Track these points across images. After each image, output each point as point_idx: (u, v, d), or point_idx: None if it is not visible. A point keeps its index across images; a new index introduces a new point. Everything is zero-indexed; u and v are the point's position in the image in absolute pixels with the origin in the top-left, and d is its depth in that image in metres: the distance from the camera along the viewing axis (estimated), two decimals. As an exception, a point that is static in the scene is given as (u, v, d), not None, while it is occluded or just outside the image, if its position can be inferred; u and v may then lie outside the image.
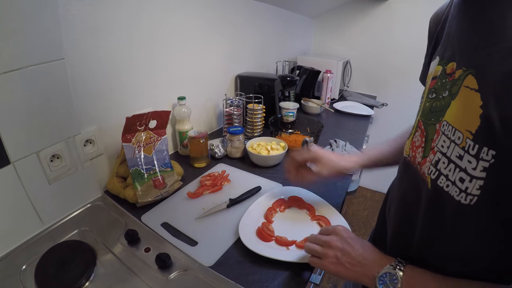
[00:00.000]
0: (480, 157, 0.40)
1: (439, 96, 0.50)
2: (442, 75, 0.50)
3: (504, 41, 0.38)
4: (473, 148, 0.41)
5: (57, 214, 0.84)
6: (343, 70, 2.15)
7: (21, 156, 0.72)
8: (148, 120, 0.93)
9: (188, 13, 1.16)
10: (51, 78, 0.74)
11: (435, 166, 0.49)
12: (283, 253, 0.73)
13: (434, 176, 0.48)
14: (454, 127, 0.45)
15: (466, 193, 0.42)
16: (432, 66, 0.56)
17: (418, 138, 0.55)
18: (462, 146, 0.43)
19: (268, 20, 1.78)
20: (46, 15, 0.69)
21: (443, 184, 0.46)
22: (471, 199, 0.42)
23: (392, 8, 2.18)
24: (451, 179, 0.45)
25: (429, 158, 0.51)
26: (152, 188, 0.91)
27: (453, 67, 0.48)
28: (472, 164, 0.41)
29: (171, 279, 0.68)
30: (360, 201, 2.70)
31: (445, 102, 0.48)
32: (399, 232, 0.61)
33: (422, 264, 0.52)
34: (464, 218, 0.44)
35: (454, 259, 0.49)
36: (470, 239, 0.45)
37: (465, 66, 0.44)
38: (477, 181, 0.41)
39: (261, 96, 1.37)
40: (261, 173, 1.11)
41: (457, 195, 0.44)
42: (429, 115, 0.53)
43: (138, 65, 1.01)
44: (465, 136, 0.42)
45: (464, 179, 0.42)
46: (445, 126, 0.47)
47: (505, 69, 0.37)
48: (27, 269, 0.69)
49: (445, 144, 0.46)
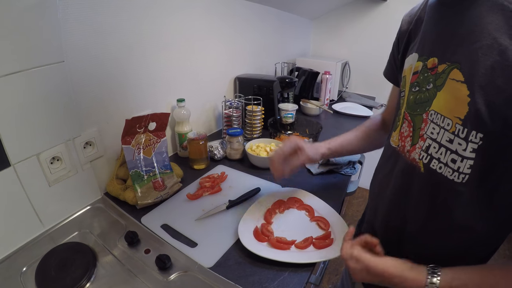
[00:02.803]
0: (469, 140, 0.46)
1: (422, 88, 0.56)
2: (424, 70, 0.56)
3: (483, 40, 0.45)
4: (462, 132, 0.47)
5: (58, 216, 0.84)
6: (342, 71, 2.15)
7: (22, 159, 0.72)
8: (148, 122, 0.93)
9: (187, 16, 1.16)
10: (51, 81, 0.74)
11: (425, 151, 0.55)
12: (282, 254, 0.74)
13: (426, 160, 0.55)
14: (443, 115, 0.51)
15: (459, 172, 0.49)
16: (409, 61, 0.61)
17: (406, 129, 0.60)
18: (452, 131, 0.49)
19: (266, 21, 1.79)
20: (46, 18, 0.69)
21: (435, 166, 0.53)
22: (463, 177, 0.49)
23: (390, 9, 2.19)
24: (443, 161, 0.51)
25: (418, 145, 0.56)
26: (152, 190, 0.91)
27: (434, 62, 0.54)
28: (462, 146, 0.48)
29: (171, 280, 0.68)
30: (359, 201, 2.70)
31: (429, 94, 0.54)
32: (390, 216, 0.67)
33: (416, 241, 0.60)
34: (458, 195, 0.51)
35: (447, 233, 0.56)
36: (464, 213, 0.52)
37: (449, 61, 0.50)
38: (467, 161, 0.48)
39: (260, 98, 1.37)
40: (260, 175, 1.11)
41: (450, 174, 0.50)
42: (414, 106, 0.58)
43: (138, 68, 1.01)
44: (454, 122, 0.49)
45: (456, 160, 0.49)
46: (433, 115, 0.53)
47: (487, 63, 0.44)
48: (27, 271, 0.69)
49: (435, 131, 0.52)
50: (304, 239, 0.78)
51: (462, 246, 0.56)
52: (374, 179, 0.77)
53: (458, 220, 0.53)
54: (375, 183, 0.75)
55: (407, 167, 0.60)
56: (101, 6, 0.84)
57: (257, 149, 1.19)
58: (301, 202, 0.93)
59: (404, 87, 0.62)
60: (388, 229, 0.69)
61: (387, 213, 0.68)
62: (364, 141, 0.89)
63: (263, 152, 1.16)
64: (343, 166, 1.15)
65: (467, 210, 0.51)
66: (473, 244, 0.55)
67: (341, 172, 1.14)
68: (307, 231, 0.82)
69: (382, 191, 0.70)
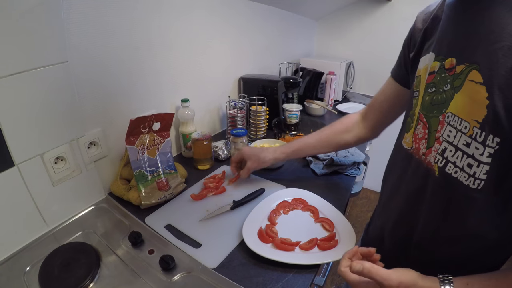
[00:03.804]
0: (486, 144, 0.45)
1: (439, 89, 0.54)
2: (441, 70, 0.54)
3: (504, 40, 0.43)
4: (480, 136, 0.45)
5: (61, 216, 0.84)
6: (346, 71, 2.14)
7: (26, 158, 0.72)
8: (152, 122, 0.93)
9: (192, 16, 1.16)
10: (55, 81, 0.74)
11: (441, 154, 0.53)
12: (286, 255, 0.73)
13: (441, 164, 0.53)
14: (460, 117, 0.49)
15: (474, 178, 0.47)
16: (425, 61, 0.59)
17: (421, 131, 0.58)
18: (469, 134, 0.47)
19: (271, 22, 1.78)
20: (49, 18, 0.69)
21: (451, 170, 0.51)
22: (479, 183, 0.47)
23: (395, 9, 2.17)
24: (459, 166, 0.49)
25: (434, 148, 0.55)
26: (156, 190, 0.91)
27: (452, 62, 0.51)
28: (479, 150, 0.46)
29: (175, 281, 0.68)
30: (363, 202, 2.68)
31: (447, 95, 0.52)
32: (402, 220, 0.65)
33: (425, 247, 0.58)
34: (472, 201, 0.49)
35: (459, 240, 0.54)
36: (477, 220, 0.50)
37: (468, 62, 0.48)
38: (484, 166, 0.46)
39: (265, 98, 1.37)
40: (265, 175, 1.10)
41: (466, 179, 0.48)
42: (430, 108, 0.56)
43: (142, 68, 1.01)
44: (472, 125, 0.47)
45: (472, 165, 0.47)
46: (450, 117, 0.51)
47: (508, 64, 0.42)
48: (31, 270, 0.69)
49: (451, 133, 0.51)
50: (308, 240, 0.78)
51: (473, 254, 0.55)
52: (385, 181, 0.76)
53: (470, 227, 0.51)
54: (387, 185, 0.74)
55: (422, 170, 0.58)
56: (105, 6, 0.84)
57: (261, 149, 1.18)
58: (305, 203, 0.92)
59: (418, 87, 0.60)
60: (397, 234, 0.67)
61: (398, 217, 0.66)
62: (326, 143, 0.95)
63: (267, 153, 1.16)
64: (347, 167, 1.14)
65: (480, 217, 0.50)
66: (484, 253, 0.53)
67: (345, 173, 1.13)
68: (311, 232, 0.81)
69: (394, 194, 0.68)
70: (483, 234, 0.51)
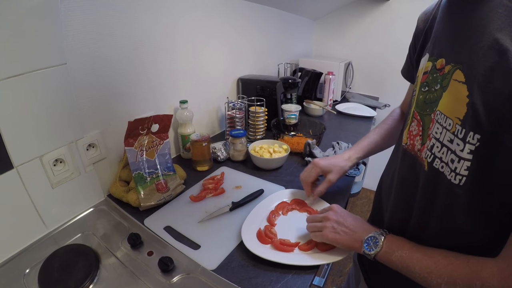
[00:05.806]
0: (467, 141, 0.46)
1: (431, 89, 0.57)
2: (433, 70, 0.56)
3: (484, 40, 0.45)
4: (461, 132, 0.47)
5: (61, 218, 0.84)
6: (345, 71, 2.14)
7: (24, 161, 0.72)
8: (150, 124, 0.93)
9: (190, 17, 1.16)
10: (53, 83, 0.74)
11: (430, 150, 0.55)
12: (285, 256, 0.73)
13: (430, 159, 0.55)
14: (446, 115, 0.51)
15: (456, 173, 0.49)
16: (423, 62, 0.61)
17: (415, 128, 0.61)
18: (452, 131, 0.49)
19: (269, 22, 1.79)
20: (48, 20, 0.70)
21: (438, 165, 0.53)
22: (460, 179, 0.48)
23: (393, 9, 2.18)
24: (445, 161, 0.51)
25: (426, 144, 0.57)
26: (154, 191, 0.91)
27: (442, 63, 0.54)
28: (460, 146, 0.47)
29: (174, 282, 0.68)
30: (363, 202, 2.69)
31: (437, 94, 0.54)
32: (397, 213, 0.67)
33: (419, 241, 0.58)
34: (457, 197, 0.50)
35: (446, 235, 0.55)
36: (462, 216, 0.51)
37: (453, 62, 0.51)
38: (464, 162, 0.47)
39: (263, 99, 1.37)
40: (264, 176, 1.11)
41: (449, 174, 0.50)
42: (424, 106, 0.58)
43: (140, 69, 1.01)
44: (454, 122, 0.49)
45: (454, 160, 0.49)
46: (438, 115, 0.53)
47: (487, 64, 0.44)
48: (30, 272, 0.69)
49: (438, 130, 0.53)
50: (307, 241, 0.78)
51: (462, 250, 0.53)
52: (383, 176, 0.79)
53: (456, 223, 0.52)
54: (384, 181, 0.76)
55: (415, 165, 0.60)
56: (103, 8, 0.84)
57: (260, 150, 1.18)
58: (304, 203, 0.93)
59: (416, 86, 0.63)
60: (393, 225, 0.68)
61: (394, 209, 0.68)
62: (388, 138, 0.93)
63: (266, 154, 1.16)
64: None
65: (465, 214, 0.50)
66: (472, 251, 0.52)
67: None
68: (310, 233, 0.81)
69: (389, 186, 0.71)
70: (469, 231, 0.51)
